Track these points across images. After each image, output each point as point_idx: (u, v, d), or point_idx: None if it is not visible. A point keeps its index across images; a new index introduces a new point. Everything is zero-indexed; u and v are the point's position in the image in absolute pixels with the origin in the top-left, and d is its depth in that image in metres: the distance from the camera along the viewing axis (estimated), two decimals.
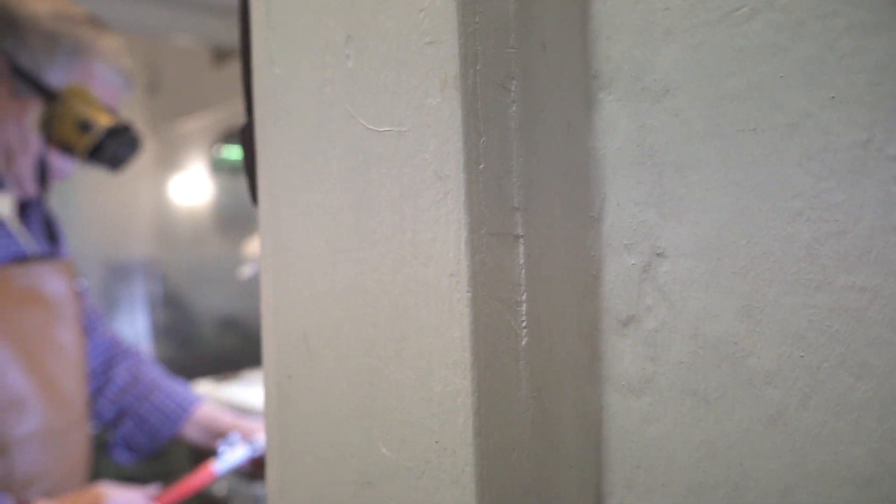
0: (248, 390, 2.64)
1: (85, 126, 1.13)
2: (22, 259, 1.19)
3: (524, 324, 0.26)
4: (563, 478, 0.27)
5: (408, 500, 0.28)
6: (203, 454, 1.70)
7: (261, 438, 1.38)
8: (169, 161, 3.46)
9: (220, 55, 3.66)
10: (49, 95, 1.12)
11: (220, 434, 1.48)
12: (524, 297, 0.26)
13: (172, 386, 1.52)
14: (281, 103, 0.35)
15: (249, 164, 0.45)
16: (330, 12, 0.31)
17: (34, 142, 1.14)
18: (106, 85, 1.19)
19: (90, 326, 1.38)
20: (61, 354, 1.23)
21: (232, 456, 1.31)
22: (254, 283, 2.96)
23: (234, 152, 3.56)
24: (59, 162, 1.19)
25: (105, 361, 1.48)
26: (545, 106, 0.27)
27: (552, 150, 0.27)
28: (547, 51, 0.27)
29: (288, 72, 0.35)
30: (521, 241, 0.26)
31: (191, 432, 1.48)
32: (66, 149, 1.16)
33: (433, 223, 0.26)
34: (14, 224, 1.21)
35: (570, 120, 0.28)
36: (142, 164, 2.92)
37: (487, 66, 0.26)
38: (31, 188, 1.19)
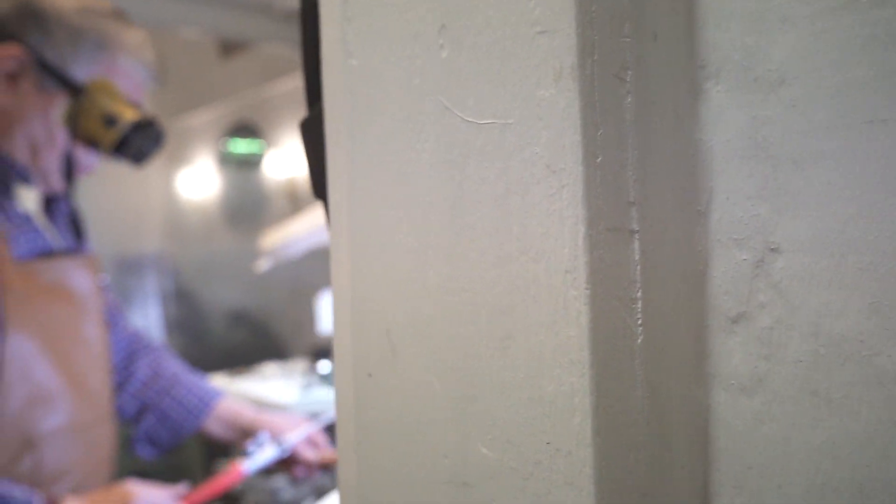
0: (263, 384, 2.64)
1: (110, 120, 1.13)
2: (48, 254, 1.19)
3: (640, 322, 0.25)
4: (675, 479, 0.27)
5: (513, 501, 0.27)
6: (216, 447, 1.70)
7: (289, 438, 1.38)
8: (177, 155, 3.45)
9: (226, 48, 3.65)
10: (74, 90, 1.11)
11: (241, 428, 1.48)
12: (639, 294, 0.25)
13: (194, 380, 1.51)
14: (359, 96, 0.35)
15: (313, 158, 0.44)
16: (420, 2, 0.30)
17: (60, 136, 1.14)
18: (130, 79, 1.19)
19: (112, 321, 1.38)
20: (87, 349, 1.22)
21: (261, 456, 1.31)
22: (262, 277, 2.96)
23: (241, 146, 3.56)
24: (85, 157, 1.18)
25: (126, 356, 1.48)
26: (656, 97, 0.27)
27: (663, 142, 0.27)
28: (658, 40, 0.26)
29: (368, 63, 0.34)
30: (636, 236, 0.26)
31: (212, 427, 1.48)
32: (92, 143, 1.15)
33: (545, 218, 0.26)
34: (40, 219, 1.20)
35: (677, 111, 0.27)
36: None
37: (604, 56, 0.25)
38: (57, 183, 1.18)
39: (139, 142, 1.16)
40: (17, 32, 1.08)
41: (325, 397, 2.38)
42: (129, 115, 1.14)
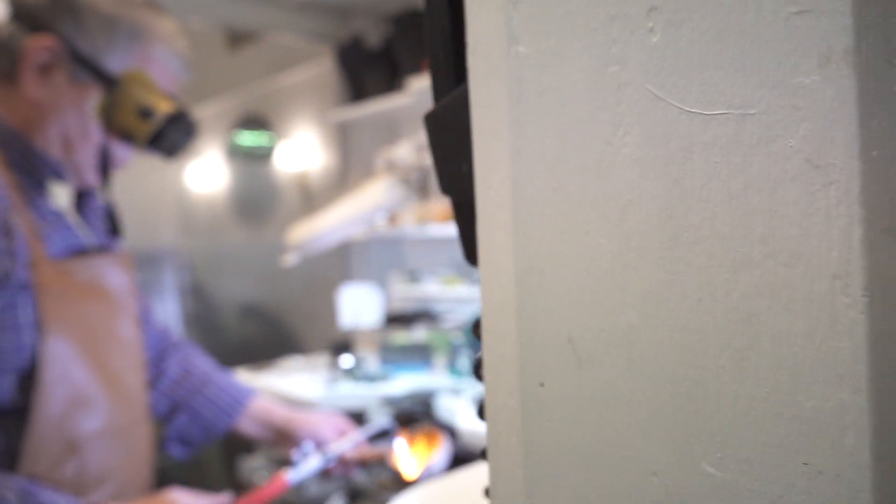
0: (285, 379, 2.62)
1: (146, 113, 1.10)
2: (81, 252, 1.16)
3: None
4: None
5: None
6: (236, 445, 1.66)
7: (333, 448, 1.36)
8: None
9: (234, 39, 3.60)
10: (108, 81, 1.08)
11: (275, 427, 1.46)
12: None
13: (225, 378, 1.49)
14: (528, 85, 0.32)
15: (442, 153, 0.41)
16: None
17: (94, 130, 1.10)
18: (165, 69, 1.15)
19: (143, 318, 1.35)
20: (123, 349, 1.20)
21: (306, 466, 1.30)
22: (275, 272, 2.94)
23: (250, 138, 3.52)
24: (120, 150, 1.15)
25: (157, 354, 1.45)
26: None
27: None
28: None
29: (541, 50, 0.31)
30: None
31: (245, 426, 1.46)
32: (127, 136, 1.12)
33: (803, 218, 0.23)
34: (71, 216, 1.17)
35: None
36: None
37: (877, 39, 0.22)
38: (91, 178, 1.15)
39: (174, 134, 1.13)
40: (49, 23, 1.04)
41: (350, 392, 2.36)
42: (164, 107, 1.11)
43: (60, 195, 1.13)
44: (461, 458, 1.55)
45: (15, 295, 0.98)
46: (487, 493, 0.37)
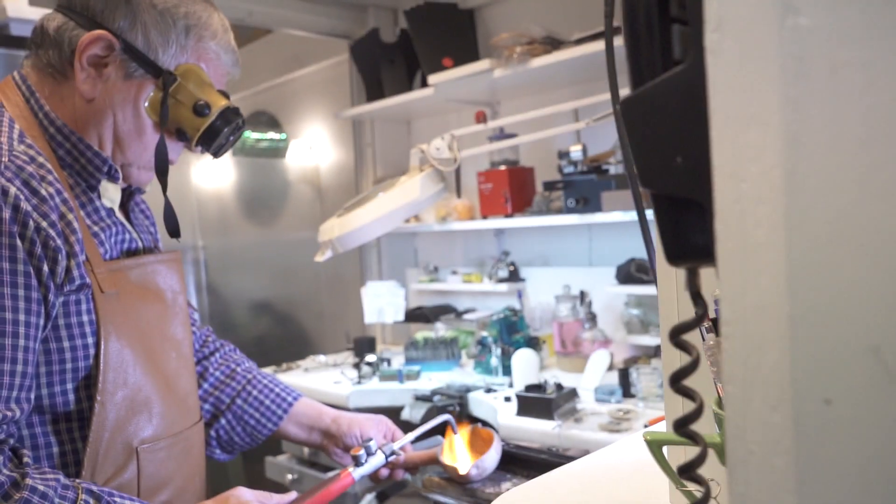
0: (309, 377, 2.58)
1: (202, 109, 1.05)
2: (133, 252, 1.12)
3: None
4: None
5: None
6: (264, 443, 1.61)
7: (392, 446, 1.33)
8: None
9: (247, 35, 3.54)
10: (163, 76, 1.04)
11: (321, 430, 1.42)
12: None
13: (269, 379, 1.45)
14: (813, 62, 0.28)
15: (642, 140, 0.38)
16: None
17: (148, 127, 1.06)
18: (217, 65, 1.11)
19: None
20: (177, 351, 1.16)
21: (370, 463, 1.28)
22: (286, 268, 2.88)
23: (261, 135, 3.46)
24: (172, 147, 1.11)
25: (200, 355, 1.42)
26: None
27: None
28: None
29: (832, 22, 0.28)
30: None
31: (289, 428, 1.42)
32: (181, 133, 1.08)
33: None
34: (121, 215, 1.13)
35: None
36: None
37: None
38: (144, 177, 1.11)
39: (227, 131, 1.09)
40: (104, 18, 1.00)
41: (378, 388, 2.32)
42: (220, 103, 1.06)
43: (111, 193, 1.08)
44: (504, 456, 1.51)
45: (75, 294, 0.94)
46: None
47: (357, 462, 1.26)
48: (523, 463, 1.45)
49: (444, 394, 2.13)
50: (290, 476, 2.38)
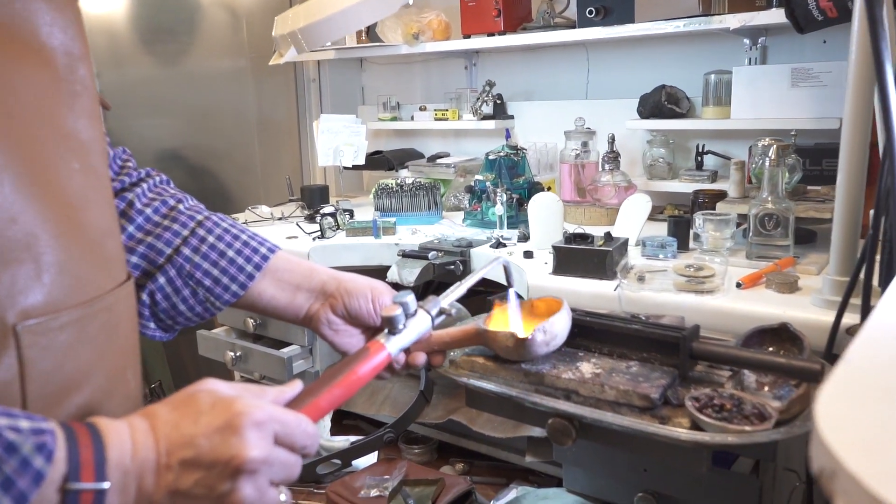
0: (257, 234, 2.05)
1: None
2: None
3: None
4: None
5: None
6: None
7: (439, 301, 0.87)
8: None
9: None
10: None
11: (309, 289, 0.95)
12: None
13: (228, 222, 0.95)
14: None
15: None
16: None
17: None
18: None
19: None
20: (82, 161, 0.63)
21: (412, 328, 0.83)
22: (201, 111, 2.25)
23: None
24: None
25: (120, 185, 0.88)
26: None
27: None
28: None
29: None
30: None
31: (265, 289, 0.93)
32: None
33: None
34: None
35: None
36: None
37: None
38: None
39: None
40: None
41: (345, 242, 1.83)
42: None
43: None
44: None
45: None
46: None
47: (392, 327, 0.80)
48: (599, 336, 1.03)
49: (440, 249, 1.66)
50: (231, 354, 1.90)
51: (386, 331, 0.81)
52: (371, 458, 1.65)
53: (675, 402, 0.91)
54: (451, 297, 0.88)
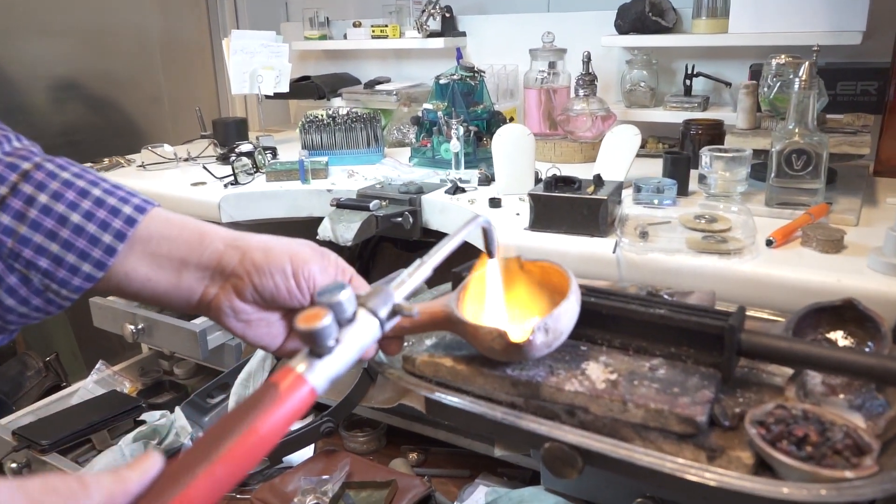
0: (146, 178, 1.67)
1: None
2: None
3: None
4: None
5: None
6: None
7: (395, 296, 0.56)
8: None
9: None
10: None
11: (198, 264, 0.64)
12: None
13: (73, 172, 0.62)
14: None
15: None
16: None
17: None
18: None
19: None
20: None
21: (350, 344, 0.52)
22: (98, 31, 1.81)
23: None
24: None
25: None
26: None
27: None
28: None
29: None
30: None
31: (135, 267, 0.61)
32: None
33: None
34: None
35: None
36: None
37: None
38: None
39: None
40: None
41: (265, 188, 1.48)
42: None
43: None
44: None
45: None
46: None
47: (316, 346, 0.51)
48: (609, 324, 0.78)
49: (383, 197, 1.34)
50: (130, 327, 1.56)
51: (307, 350, 0.50)
52: (306, 453, 1.37)
53: (725, 425, 0.65)
54: (410, 284, 0.58)
